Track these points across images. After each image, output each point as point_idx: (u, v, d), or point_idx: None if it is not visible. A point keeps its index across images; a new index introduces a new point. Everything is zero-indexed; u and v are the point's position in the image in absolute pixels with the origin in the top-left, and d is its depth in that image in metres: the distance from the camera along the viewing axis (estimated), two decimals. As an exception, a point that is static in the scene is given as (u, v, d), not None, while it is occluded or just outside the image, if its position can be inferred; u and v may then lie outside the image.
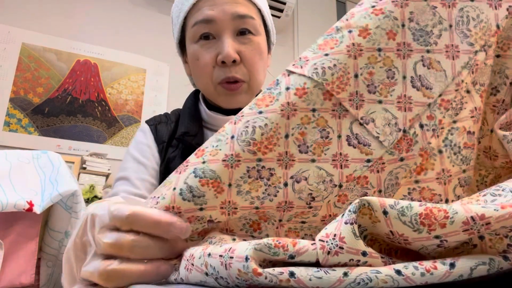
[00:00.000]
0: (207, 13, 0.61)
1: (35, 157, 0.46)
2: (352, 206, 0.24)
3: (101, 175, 1.93)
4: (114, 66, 2.30)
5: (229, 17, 0.62)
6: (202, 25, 0.62)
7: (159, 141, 0.68)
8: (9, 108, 2.01)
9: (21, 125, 2.02)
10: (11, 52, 2.07)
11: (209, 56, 0.63)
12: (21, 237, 0.42)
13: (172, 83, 2.39)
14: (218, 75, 0.63)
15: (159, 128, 0.70)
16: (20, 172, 0.44)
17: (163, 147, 0.67)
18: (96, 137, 2.18)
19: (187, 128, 0.66)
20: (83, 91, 2.21)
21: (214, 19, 0.61)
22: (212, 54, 0.63)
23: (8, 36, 2.08)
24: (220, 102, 0.68)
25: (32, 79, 2.09)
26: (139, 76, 2.36)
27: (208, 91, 0.67)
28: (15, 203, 0.40)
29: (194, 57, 0.65)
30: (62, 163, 0.49)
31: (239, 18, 0.62)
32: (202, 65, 0.64)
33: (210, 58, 0.63)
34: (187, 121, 0.68)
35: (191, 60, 0.67)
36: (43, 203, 0.42)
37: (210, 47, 0.63)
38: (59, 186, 0.45)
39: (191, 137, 0.66)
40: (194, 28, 0.63)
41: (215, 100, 0.69)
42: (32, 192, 0.43)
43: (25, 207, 0.41)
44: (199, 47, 0.64)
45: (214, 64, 0.63)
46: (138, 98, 2.33)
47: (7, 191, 0.40)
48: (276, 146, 0.30)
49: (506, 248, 0.22)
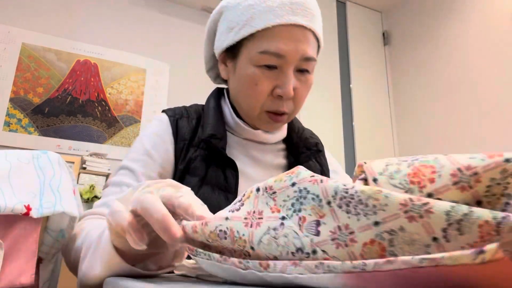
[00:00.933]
0: (281, 47, 0.60)
1: (35, 157, 0.46)
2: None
3: (101, 175, 1.93)
4: (114, 66, 2.30)
5: (298, 57, 0.61)
6: (272, 57, 0.61)
7: (180, 138, 0.66)
8: (9, 108, 2.01)
9: (21, 125, 2.02)
10: (11, 52, 2.07)
11: (267, 85, 0.62)
12: (21, 237, 0.42)
13: (172, 83, 2.38)
14: (270, 105, 0.64)
15: (180, 124, 0.68)
16: (20, 173, 0.43)
17: (184, 145, 0.66)
18: (96, 137, 2.18)
19: (214, 130, 0.65)
20: (83, 91, 2.21)
21: (285, 55, 0.60)
22: (270, 85, 0.62)
23: (8, 36, 2.08)
24: (259, 126, 0.69)
25: (32, 79, 2.09)
26: (139, 76, 2.36)
27: (251, 113, 0.67)
28: (13, 208, 0.40)
29: (252, 81, 0.63)
30: (62, 165, 0.49)
31: (306, 60, 0.62)
32: (258, 91, 0.63)
33: (268, 87, 0.62)
34: (214, 123, 0.67)
35: (245, 79, 0.64)
36: (42, 209, 0.42)
37: (270, 77, 0.62)
38: (63, 202, 0.45)
39: (217, 140, 0.65)
40: (261, 56, 0.61)
41: (253, 121, 0.69)
42: (30, 194, 0.43)
43: (22, 212, 0.40)
44: (260, 73, 0.62)
45: (270, 93, 0.63)
46: (138, 98, 2.33)
47: (6, 194, 0.40)
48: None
49: (504, 207, 0.22)
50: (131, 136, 2.26)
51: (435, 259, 0.18)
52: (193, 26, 2.51)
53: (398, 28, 2.91)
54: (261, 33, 0.61)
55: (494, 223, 0.20)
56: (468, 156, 0.23)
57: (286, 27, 0.60)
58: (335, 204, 0.25)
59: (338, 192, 0.25)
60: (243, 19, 0.63)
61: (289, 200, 0.28)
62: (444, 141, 2.40)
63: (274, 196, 0.29)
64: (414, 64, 2.70)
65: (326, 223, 0.25)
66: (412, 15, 2.77)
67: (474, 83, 2.26)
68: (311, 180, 0.27)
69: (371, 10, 3.05)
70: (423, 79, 2.61)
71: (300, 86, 0.64)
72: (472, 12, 2.33)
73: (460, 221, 0.20)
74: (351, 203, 0.24)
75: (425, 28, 2.64)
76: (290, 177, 0.28)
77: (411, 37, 2.76)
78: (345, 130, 2.61)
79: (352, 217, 0.24)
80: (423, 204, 0.21)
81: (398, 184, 0.24)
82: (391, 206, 0.22)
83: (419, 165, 0.24)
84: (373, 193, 0.23)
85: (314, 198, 0.26)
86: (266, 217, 0.28)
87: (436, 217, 0.21)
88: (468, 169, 0.22)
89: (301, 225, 0.26)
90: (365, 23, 2.98)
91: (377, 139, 2.71)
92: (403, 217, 0.22)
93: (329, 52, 2.74)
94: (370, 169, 0.26)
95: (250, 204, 0.30)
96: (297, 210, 0.27)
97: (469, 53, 2.32)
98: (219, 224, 0.30)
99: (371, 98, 2.79)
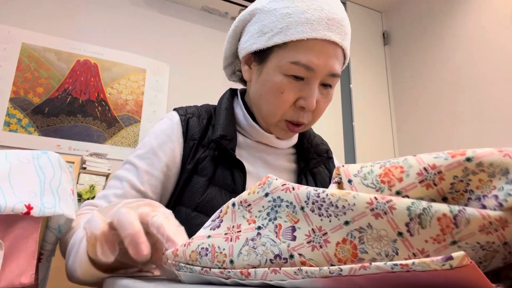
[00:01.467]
0: (313, 61, 0.60)
1: (35, 157, 0.46)
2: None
3: (101, 175, 1.93)
4: (114, 66, 2.30)
5: (326, 72, 0.62)
6: (301, 69, 0.61)
7: (189, 138, 0.66)
8: (9, 108, 2.01)
9: (21, 125, 2.02)
10: (11, 52, 2.07)
11: (292, 94, 0.63)
12: (21, 237, 0.42)
13: (172, 83, 2.38)
14: (291, 115, 0.65)
15: (191, 123, 0.68)
16: (20, 172, 0.43)
17: (193, 144, 0.66)
18: (96, 137, 2.18)
19: (224, 131, 0.66)
20: (83, 91, 2.21)
21: (315, 69, 0.61)
22: (295, 95, 0.63)
23: (8, 36, 2.08)
24: (274, 132, 0.70)
25: (32, 79, 2.09)
26: (139, 76, 2.36)
27: (270, 119, 0.67)
28: (13, 207, 0.40)
29: (278, 89, 0.63)
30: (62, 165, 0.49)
31: (332, 76, 0.63)
32: (283, 100, 0.63)
33: (292, 97, 0.63)
34: (225, 124, 0.67)
35: (270, 85, 0.64)
36: (44, 209, 0.42)
37: (296, 87, 0.63)
38: (62, 204, 0.45)
39: (227, 141, 0.65)
40: (292, 66, 0.61)
41: (269, 127, 0.69)
42: (31, 194, 0.43)
43: (23, 211, 0.41)
44: (287, 83, 0.63)
45: (293, 104, 0.64)
46: (138, 98, 2.33)
47: (6, 194, 0.40)
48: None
49: (467, 202, 0.23)
50: (131, 136, 2.26)
51: (407, 265, 0.19)
52: (193, 26, 2.50)
53: (398, 28, 2.91)
54: (295, 43, 0.61)
55: (451, 216, 0.21)
56: (433, 155, 0.24)
57: (320, 41, 0.61)
58: (308, 209, 0.26)
59: (310, 197, 0.26)
60: (279, 26, 0.62)
61: (264, 210, 0.29)
62: (444, 141, 2.40)
63: (249, 208, 0.30)
64: (414, 64, 2.70)
65: (301, 228, 0.26)
66: (412, 15, 2.77)
67: (474, 83, 2.26)
68: (284, 189, 0.28)
69: (371, 10, 3.04)
70: (423, 79, 2.61)
71: (321, 100, 0.65)
72: (472, 12, 2.33)
73: (420, 215, 0.21)
74: (323, 206, 0.25)
75: (425, 28, 2.64)
76: (262, 188, 0.29)
77: (411, 37, 2.76)
78: (345, 130, 2.61)
79: (324, 219, 0.25)
80: (387, 201, 0.23)
81: (370, 184, 0.26)
82: (359, 206, 0.23)
83: (390, 166, 0.25)
84: (342, 194, 0.24)
85: (288, 205, 0.27)
86: (244, 229, 0.29)
87: (399, 213, 0.22)
88: (433, 168, 0.23)
89: (277, 232, 0.27)
90: (365, 23, 2.98)
91: (377, 139, 2.71)
92: (369, 215, 0.23)
93: (329, 52, 2.73)
94: (346, 171, 0.28)
95: (229, 219, 0.31)
96: (273, 219, 0.28)
97: (469, 53, 2.32)
98: (201, 243, 0.31)
99: (371, 98, 2.79)
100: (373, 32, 2.99)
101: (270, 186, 0.29)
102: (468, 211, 0.21)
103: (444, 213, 0.21)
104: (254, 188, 0.30)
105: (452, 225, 0.21)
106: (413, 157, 0.25)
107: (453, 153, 0.23)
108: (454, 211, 0.21)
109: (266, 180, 0.29)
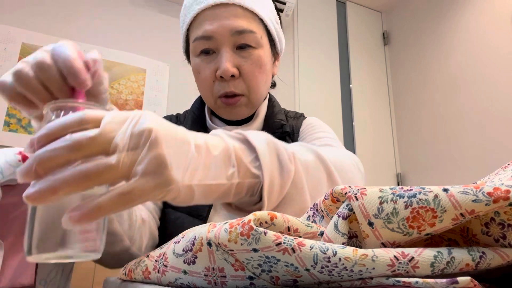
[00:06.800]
0: (206, 29, 0.61)
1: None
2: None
3: (101, 175, 1.93)
4: (114, 66, 2.30)
5: (228, 33, 0.61)
6: (202, 41, 0.62)
7: None
8: (9, 108, 2.01)
9: (21, 125, 2.02)
10: (11, 52, 2.07)
11: (209, 70, 0.63)
12: (21, 237, 0.42)
13: (172, 83, 2.38)
14: (218, 89, 0.64)
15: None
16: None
17: None
18: (96, 137, 2.18)
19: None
20: (83, 91, 2.21)
21: (213, 35, 0.61)
22: (211, 69, 0.63)
23: (8, 36, 2.08)
24: (220, 114, 0.69)
25: (32, 79, 2.09)
26: (139, 76, 2.36)
27: (209, 103, 0.68)
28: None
29: (196, 71, 0.66)
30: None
31: (238, 34, 0.61)
32: (202, 79, 0.65)
33: (210, 72, 0.63)
34: (189, 126, 0.69)
35: (193, 72, 0.67)
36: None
37: (210, 62, 0.63)
38: None
39: None
40: (195, 44, 0.64)
41: (217, 112, 0.70)
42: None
43: (19, 159, 0.40)
44: (200, 61, 0.64)
45: (214, 78, 0.63)
46: (138, 98, 2.33)
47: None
48: None
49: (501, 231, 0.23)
50: (131, 136, 2.26)
51: (409, 283, 0.18)
52: (193, 26, 2.51)
53: (398, 28, 2.91)
54: (192, 25, 0.64)
55: (474, 264, 0.21)
56: (471, 196, 0.21)
57: (208, 10, 0.62)
58: (316, 271, 0.23)
59: (317, 262, 0.22)
60: (182, 20, 0.67)
61: (253, 261, 0.25)
62: (444, 141, 2.40)
63: (232, 252, 0.25)
64: (414, 64, 2.70)
65: (304, 281, 0.24)
66: (412, 15, 2.77)
67: (474, 83, 2.26)
68: (280, 250, 0.23)
69: (371, 10, 3.04)
70: (423, 79, 2.61)
71: (244, 63, 0.63)
72: (472, 12, 2.33)
73: (444, 270, 0.21)
74: (335, 270, 0.22)
75: (425, 28, 2.64)
76: (247, 242, 0.24)
77: (411, 37, 2.76)
78: (345, 130, 2.61)
79: (334, 277, 0.23)
80: (409, 261, 0.21)
81: (396, 228, 0.23)
82: (379, 269, 0.21)
83: (418, 207, 0.22)
84: (359, 259, 0.22)
85: (287, 265, 0.24)
86: (230, 276, 0.26)
87: (422, 271, 0.21)
88: (471, 214, 0.21)
89: (275, 282, 0.25)
90: (365, 23, 2.98)
91: (377, 139, 2.71)
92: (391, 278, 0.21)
93: (329, 52, 2.74)
94: (363, 209, 0.23)
95: (205, 259, 0.27)
96: (267, 271, 0.25)
97: (469, 53, 2.32)
98: (178, 277, 0.28)
99: (371, 98, 2.79)
100: (373, 32, 2.99)
101: (258, 242, 0.23)
102: (489, 255, 0.21)
103: (467, 263, 0.21)
104: (236, 237, 0.24)
105: (473, 271, 0.21)
106: (445, 195, 0.22)
107: (495, 195, 0.21)
108: (476, 259, 0.21)
109: (249, 232, 0.24)
